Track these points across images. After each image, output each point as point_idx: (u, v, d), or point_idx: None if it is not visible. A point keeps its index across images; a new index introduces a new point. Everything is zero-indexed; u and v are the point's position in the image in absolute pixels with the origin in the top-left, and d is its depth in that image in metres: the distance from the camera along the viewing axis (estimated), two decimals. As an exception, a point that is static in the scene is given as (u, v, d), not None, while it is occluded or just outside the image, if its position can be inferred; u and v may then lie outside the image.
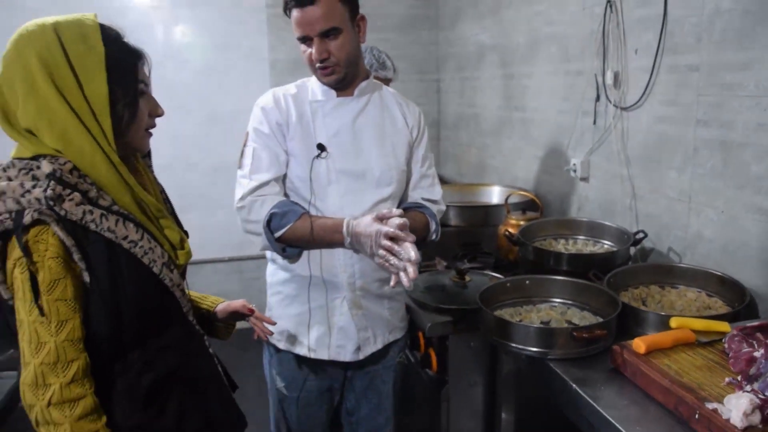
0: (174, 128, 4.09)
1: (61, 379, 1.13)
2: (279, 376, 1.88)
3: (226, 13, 4.08)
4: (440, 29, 4.25)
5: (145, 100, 1.27)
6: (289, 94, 1.77)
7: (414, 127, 1.85)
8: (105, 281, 1.17)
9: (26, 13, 3.74)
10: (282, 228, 1.65)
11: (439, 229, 1.86)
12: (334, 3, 1.62)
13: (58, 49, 1.15)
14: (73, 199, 1.13)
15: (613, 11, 2.29)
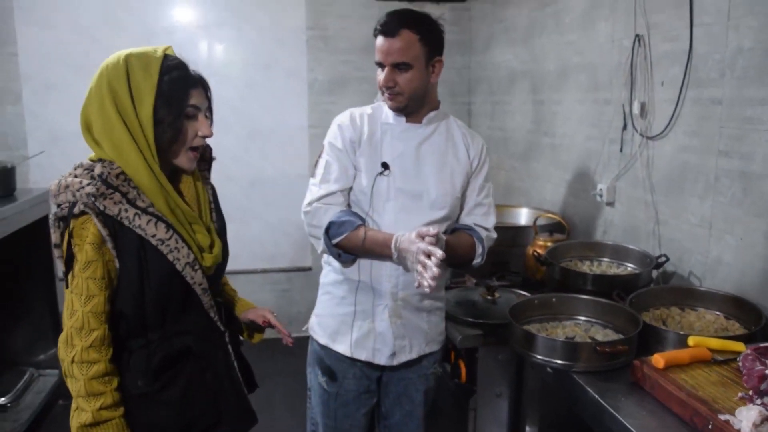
0: (215, 142, 4.23)
1: (83, 342, 1.36)
2: (321, 370, 2.01)
3: (267, 33, 4.26)
4: (473, 54, 4.40)
5: (194, 122, 1.46)
6: (365, 113, 1.93)
7: (475, 158, 1.96)
8: (132, 269, 1.39)
9: (80, 30, 3.98)
10: (339, 236, 1.80)
11: (485, 254, 1.95)
12: (413, 41, 1.77)
13: (124, 77, 1.40)
14: (112, 198, 1.36)
15: (641, 45, 2.41)
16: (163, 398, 1.46)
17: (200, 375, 1.52)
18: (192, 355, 1.50)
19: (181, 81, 1.43)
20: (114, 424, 1.39)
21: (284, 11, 4.25)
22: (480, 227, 1.97)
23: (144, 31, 4.07)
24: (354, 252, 1.84)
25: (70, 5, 4.00)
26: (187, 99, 1.43)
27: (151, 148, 1.40)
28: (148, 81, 1.40)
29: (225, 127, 4.25)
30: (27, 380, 3.31)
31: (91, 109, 1.42)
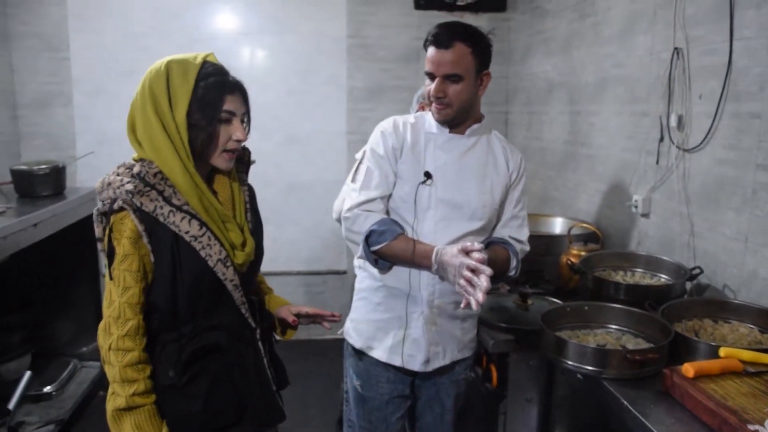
0: (254, 146, 4.33)
1: (119, 331, 1.44)
2: (356, 374, 2.04)
3: (309, 41, 4.36)
4: (511, 64, 4.43)
5: (228, 127, 1.52)
6: (408, 122, 1.95)
7: (514, 171, 1.98)
8: (166, 263, 1.46)
9: (129, 37, 4.14)
10: (379, 244, 1.82)
11: (519, 267, 1.96)
12: (465, 54, 1.79)
13: (164, 81, 1.48)
14: (149, 195, 1.45)
15: (680, 58, 2.42)
16: (189, 391, 1.52)
17: (228, 370, 1.57)
18: (221, 351, 1.55)
19: (217, 87, 1.49)
20: (146, 410, 1.46)
21: (326, 20, 4.34)
22: (514, 240, 1.97)
23: (189, 38, 4.21)
24: (392, 260, 1.86)
25: (120, 14, 4.16)
26: (222, 104, 1.50)
27: (186, 149, 1.48)
28: (185, 86, 1.48)
29: (265, 132, 4.38)
30: (71, 371, 3.44)
31: (136, 112, 1.51)
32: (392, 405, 2.03)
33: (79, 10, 4.13)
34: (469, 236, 1.88)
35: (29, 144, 4.21)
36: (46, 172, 3.07)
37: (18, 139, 4.18)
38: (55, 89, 4.18)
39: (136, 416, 1.45)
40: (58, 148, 4.19)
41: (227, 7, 4.27)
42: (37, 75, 4.16)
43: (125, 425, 1.45)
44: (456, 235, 1.87)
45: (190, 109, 1.48)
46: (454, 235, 1.87)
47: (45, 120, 4.21)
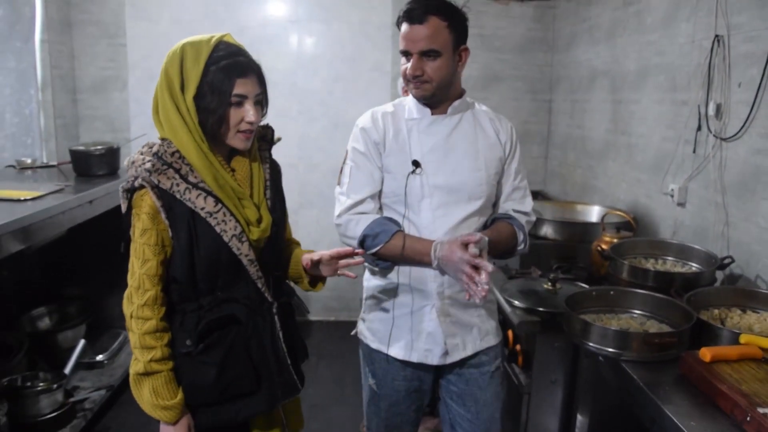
0: (301, 131, 4.50)
1: (139, 300, 1.53)
2: (371, 373, 2.00)
3: (355, 28, 4.44)
4: (555, 52, 4.41)
5: (240, 109, 1.55)
6: (387, 112, 1.88)
7: (507, 142, 1.90)
8: (183, 238, 1.53)
9: (182, 24, 4.31)
10: (374, 248, 1.78)
11: (528, 240, 1.92)
12: (441, 28, 1.71)
13: (178, 64, 1.53)
14: (166, 174, 1.51)
15: (721, 45, 2.40)
16: (204, 359, 1.58)
17: (244, 342, 1.62)
18: (238, 323, 1.61)
19: (227, 70, 1.52)
20: (163, 375, 1.54)
21: (371, 8, 4.41)
22: (519, 212, 1.92)
23: (239, 25, 4.33)
24: (392, 261, 1.82)
25: (174, 2, 4.32)
26: (232, 88, 1.52)
27: (198, 130, 1.54)
28: (195, 69, 1.52)
29: (311, 117, 4.49)
30: (121, 342, 3.63)
31: (157, 93, 1.58)
32: (408, 399, 1.97)
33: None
34: (470, 218, 1.83)
35: (88, 126, 4.43)
36: (102, 153, 3.23)
37: (77, 121, 4.40)
38: (112, 74, 4.38)
39: (154, 381, 1.53)
40: (114, 130, 4.40)
41: (277, -5, 4.38)
42: (96, 61, 4.37)
43: (144, 389, 1.54)
44: (456, 220, 1.81)
45: (199, 92, 1.52)
46: (455, 221, 1.81)
47: (102, 103, 4.42)
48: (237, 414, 1.63)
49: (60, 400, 2.84)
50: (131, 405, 1.69)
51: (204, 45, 1.54)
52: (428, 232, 1.80)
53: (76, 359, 3.06)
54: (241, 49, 1.59)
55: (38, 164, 3.48)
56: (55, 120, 3.99)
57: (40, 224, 2.40)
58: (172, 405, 1.54)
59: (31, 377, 2.91)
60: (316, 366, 4.00)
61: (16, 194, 2.55)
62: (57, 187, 2.80)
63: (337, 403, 3.55)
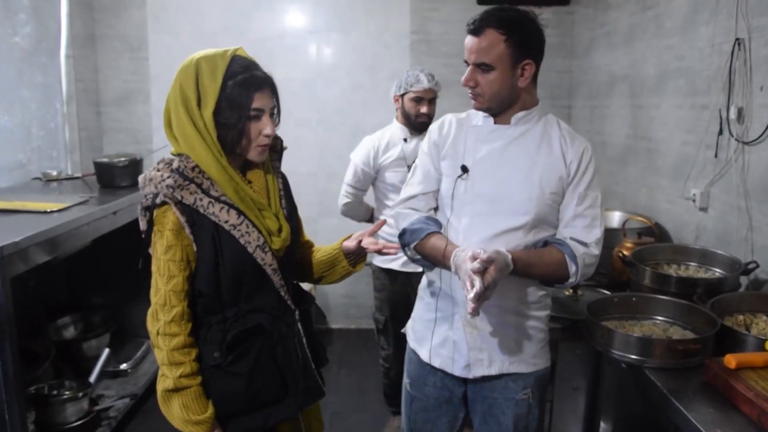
0: (321, 140, 4.53)
1: (165, 317, 1.53)
2: (407, 372, 2.01)
3: (373, 37, 4.46)
4: (574, 57, 4.40)
5: (258, 123, 1.57)
6: (456, 118, 1.89)
7: (573, 163, 1.76)
8: (208, 252, 1.54)
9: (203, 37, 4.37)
10: (412, 243, 1.81)
11: (579, 273, 1.73)
12: (497, 42, 1.66)
13: (193, 79, 1.53)
14: (188, 189, 1.52)
15: (741, 49, 2.38)
16: (234, 370, 1.59)
17: (270, 350, 1.63)
18: (263, 332, 1.62)
19: (245, 85, 1.53)
20: (192, 391, 1.55)
21: (389, 17, 4.43)
22: (577, 242, 1.74)
23: (259, 37, 4.38)
24: (428, 260, 1.82)
25: (195, 15, 4.38)
26: (250, 103, 1.53)
27: (216, 145, 1.54)
28: (213, 85, 1.52)
29: (331, 127, 4.52)
30: (144, 351, 3.67)
31: (170, 108, 1.56)
32: (439, 409, 1.94)
33: (157, 13, 4.38)
34: (510, 232, 1.75)
35: (111, 138, 4.50)
36: (125, 165, 3.27)
37: (101, 134, 4.48)
38: (135, 87, 4.44)
39: (184, 397, 1.54)
40: (137, 142, 4.46)
41: (295, 6, 4.42)
42: (119, 74, 4.44)
43: (173, 405, 1.55)
44: (494, 231, 1.75)
45: (218, 107, 1.52)
46: (492, 232, 1.75)
47: (125, 116, 4.48)
48: (266, 421, 1.64)
49: (85, 408, 2.87)
50: (155, 413, 1.70)
51: (219, 59, 1.54)
52: (463, 237, 1.77)
53: (100, 368, 3.11)
54: (255, 63, 1.60)
55: (63, 176, 3.54)
56: (79, 132, 4.05)
57: (66, 235, 2.44)
58: (203, 419, 1.54)
59: (57, 385, 2.95)
60: (337, 374, 4.01)
61: (43, 206, 2.60)
62: (81, 198, 2.84)
63: (357, 411, 3.55)
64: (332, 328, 4.78)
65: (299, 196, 1.89)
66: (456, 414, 1.95)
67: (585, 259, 1.72)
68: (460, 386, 1.91)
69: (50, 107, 3.75)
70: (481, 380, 1.85)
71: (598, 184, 1.80)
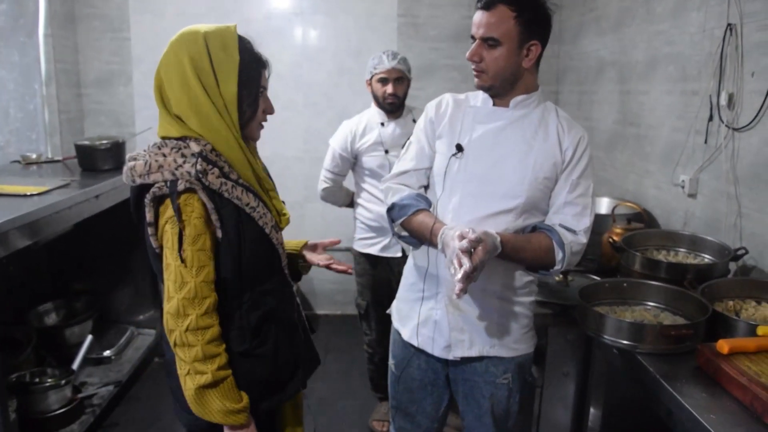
0: (307, 124, 4.48)
1: (197, 310, 1.44)
2: (392, 353, 2.03)
3: (360, 20, 4.40)
4: (562, 43, 4.37)
5: (263, 100, 1.59)
6: (455, 98, 1.88)
7: (568, 150, 1.76)
8: (233, 236, 1.49)
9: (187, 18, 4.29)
10: (399, 219, 1.81)
11: (566, 260, 1.74)
12: (507, 17, 1.64)
13: (206, 54, 1.46)
14: (214, 173, 1.46)
15: (733, 34, 2.37)
16: (259, 353, 1.57)
17: (284, 330, 1.64)
18: (276, 312, 1.62)
19: (255, 62, 1.54)
20: (229, 382, 1.49)
21: (377, 0, 4.37)
22: (566, 229, 1.74)
23: (244, 18, 4.30)
24: (415, 236, 1.81)
25: (179, -6, 4.30)
26: (260, 79, 1.56)
27: (235, 123, 1.51)
28: (230, 61, 1.47)
29: (317, 110, 4.47)
30: (128, 337, 3.62)
31: (171, 86, 1.48)
32: (424, 391, 1.96)
33: (139, -8, 4.29)
34: (501, 215, 1.74)
35: (93, 121, 4.42)
36: (107, 147, 3.21)
37: (82, 116, 4.39)
38: (117, 69, 4.36)
39: (223, 389, 1.47)
40: (119, 125, 4.38)
41: (281, -13, 4.35)
42: (101, 55, 4.35)
43: (212, 400, 1.46)
44: (485, 212, 1.74)
45: (238, 83, 1.48)
46: (483, 213, 1.74)
47: (107, 98, 4.40)
48: (281, 399, 1.65)
49: (68, 396, 2.83)
50: (139, 401, 1.68)
51: (228, 34, 1.50)
52: (453, 216, 1.76)
53: (83, 355, 3.05)
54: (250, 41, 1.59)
55: (43, 159, 3.46)
56: (59, 115, 3.97)
57: (47, 219, 2.39)
58: (242, 407, 1.50)
59: (39, 373, 2.90)
60: (324, 359, 3.94)
61: (22, 189, 2.54)
62: (63, 182, 2.78)
63: (344, 397, 3.54)
64: (318, 314, 4.76)
65: (285, 179, 1.89)
66: (441, 396, 1.96)
67: (572, 246, 1.73)
68: (443, 368, 1.92)
69: (29, 88, 3.66)
70: (461, 362, 1.86)
71: (591, 174, 1.80)
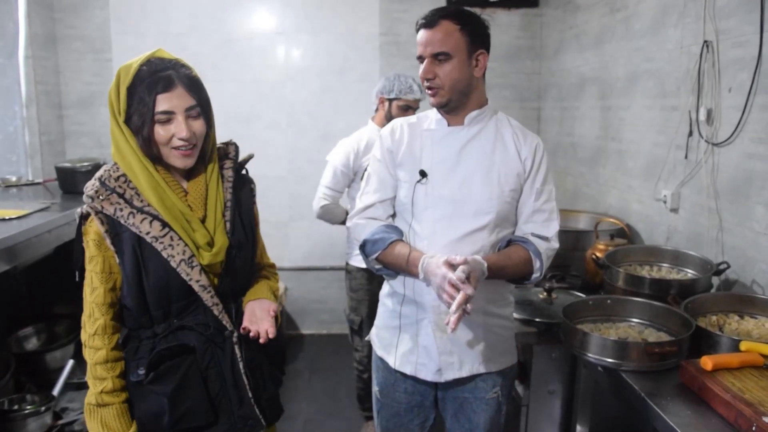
0: (291, 144, 4.47)
1: (89, 329, 1.50)
2: (375, 380, 2.00)
3: (342, 39, 4.42)
4: (543, 59, 4.41)
5: (167, 126, 1.47)
6: (408, 123, 1.87)
7: (527, 159, 1.79)
8: (130, 264, 1.48)
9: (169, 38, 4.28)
10: (374, 253, 1.79)
11: (544, 267, 1.78)
12: (452, 31, 1.70)
13: (116, 88, 1.48)
14: (109, 199, 1.47)
15: (710, 51, 2.40)
16: (155, 389, 1.51)
17: (198, 373, 1.54)
18: (193, 352, 1.53)
19: (149, 88, 1.44)
20: (114, 408, 1.50)
21: (359, 18, 4.39)
22: (538, 237, 1.79)
23: (226, 38, 4.32)
24: (391, 268, 1.81)
25: (160, 16, 4.30)
26: (154, 105, 1.45)
27: (140, 150, 1.48)
28: (123, 92, 1.46)
29: (301, 129, 4.47)
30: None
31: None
32: (411, 413, 1.94)
33: (121, 13, 4.28)
34: (474, 233, 1.75)
35: (74, 142, 4.39)
36: (88, 169, 3.16)
37: (63, 138, 4.36)
38: (98, 89, 4.33)
39: (105, 413, 1.51)
40: (101, 146, 4.35)
41: (263, 7, 4.37)
42: (82, 76, 4.33)
43: (93, 421, 1.51)
44: (459, 234, 1.75)
45: (127, 114, 1.46)
46: (457, 234, 1.75)
47: (88, 119, 4.37)
48: None
49: (48, 423, 2.76)
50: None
51: (132, 66, 1.47)
52: (428, 242, 1.77)
53: (65, 380, 2.99)
54: (169, 63, 1.50)
55: (23, 182, 3.42)
56: (40, 136, 3.94)
57: (26, 243, 2.35)
58: None
59: (18, 400, 2.83)
60: (309, 380, 3.96)
61: (1, 213, 2.50)
62: (43, 205, 2.74)
63: (331, 418, 3.50)
64: (303, 334, 4.72)
65: (269, 200, 1.86)
66: (427, 416, 1.96)
67: (548, 253, 1.79)
68: (431, 390, 1.92)
69: (8, 110, 3.63)
70: (452, 382, 1.86)
71: (551, 178, 1.86)
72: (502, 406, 1.90)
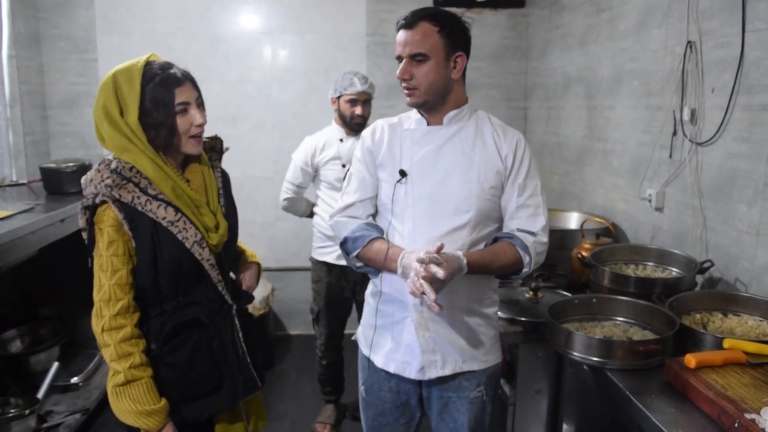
0: (277, 144, 4.46)
1: (110, 311, 1.57)
2: (361, 379, 2.01)
3: (329, 39, 4.41)
4: (529, 59, 4.43)
5: (186, 116, 1.65)
6: (388, 123, 1.89)
7: (508, 156, 1.80)
8: (147, 247, 1.61)
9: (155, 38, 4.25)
10: (354, 251, 1.82)
11: (533, 262, 1.78)
12: (431, 32, 1.70)
13: (113, 92, 1.61)
14: (126, 188, 1.59)
15: (693, 51, 2.42)
16: (169, 360, 1.66)
17: (206, 342, 1.71)
18: (200, 325, 1.70)
19: (165, 84, 1.62)
20: (144, 382, 1.59)
21: (345, 18, 4.39)
22: (525, 232, 1.78)
23: (212, 38, 4.31)
24: (371, 266, 1.83)
25: (146, 16, 4.27)
26: (174, 98, 1.62)
27: (148, 147, 1.63)
28: (132, 92, 1.60)
29: (287, 130, 4.45)
30: (96, 363, 3.53)
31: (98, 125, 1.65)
32: (396, 412, 1.96)
33: (106, 13, 4.25)
34: (455, 232, 1.77)
35: (59, 143, 4.35)
36: (73, 170, 3.15)
37: (47, 138, 4.32)
38: (83, 90, 4.30)
39: (134, 390, 1.58)
40: (86, 147, 4.32)
41: (249, 7, 4.35)
42: (66, 76, 4.30)
43: (124, 399, 1.58)
44: (440, 232, 1.76)
45: (143, 111, 1.60)
46: (438, 232, 1.76)
47: (73, 120, 4.34)
48: (202, 412, 1.71)
49: (33, 426, 2.75)
50: (108, 429, 1.66)
51: (134, 68, 1.62)
52: (409, 241, 1.78)
53: (49, 382, 2.98)
54: (167, 64, 1.67)
55: (7, 183, 3.40)
56: (24, 137, 3.90)
57: (10, 245, 2.33)
58: (156, 409, 1.59)
59: (2, 403, 2.81)
60: (297, 381, 3.95)
61: (-16, 214, 2.48)
62: (27, 206, 2.73)
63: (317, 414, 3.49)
64: (291, 335, 4.72)
65: (255, 200, 1.90)
66: (413, 415, 1.98)
67: (536, 247, 1.78)
68: (416, 389, 1.94)
69: (-8, 111, 3.60)
70: (436, 381, 1.87)
71: (536, 173, 1.84)
72: (486, 405, 1.92)
